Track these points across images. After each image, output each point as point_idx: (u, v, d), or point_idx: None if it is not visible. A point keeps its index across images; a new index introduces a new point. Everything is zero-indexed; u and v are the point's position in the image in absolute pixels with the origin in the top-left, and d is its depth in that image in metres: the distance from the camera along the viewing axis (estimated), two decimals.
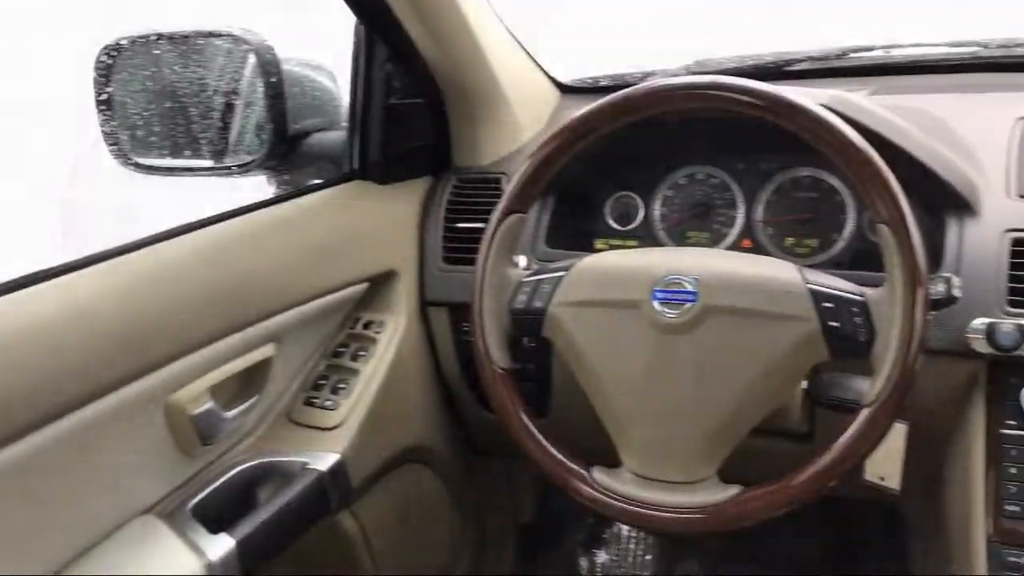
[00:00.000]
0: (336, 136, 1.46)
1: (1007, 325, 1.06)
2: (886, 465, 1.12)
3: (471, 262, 1.13)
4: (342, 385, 1.32)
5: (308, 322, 1.28)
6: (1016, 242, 1.12)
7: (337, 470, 1.24)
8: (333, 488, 1.23)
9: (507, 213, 1.10)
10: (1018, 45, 1.44)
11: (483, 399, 1.27)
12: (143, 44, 1.36)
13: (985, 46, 1.46)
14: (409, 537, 1.51)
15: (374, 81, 1.37)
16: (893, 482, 1.12)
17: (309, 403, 1.31)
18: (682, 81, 1.02)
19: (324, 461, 1.23)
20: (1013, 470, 1.07)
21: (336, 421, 1.29)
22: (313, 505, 1.21)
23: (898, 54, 1.52)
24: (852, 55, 1.53)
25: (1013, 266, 1.10)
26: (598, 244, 1.48)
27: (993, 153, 1.23)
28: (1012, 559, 1.04)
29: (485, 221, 1.12)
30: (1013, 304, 1.09)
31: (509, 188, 1.10)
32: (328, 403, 1.31)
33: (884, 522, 1.71)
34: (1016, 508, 1.06)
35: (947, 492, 1.18)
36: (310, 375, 1.34)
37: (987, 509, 1.07)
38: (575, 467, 1.04)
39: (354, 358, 1.35)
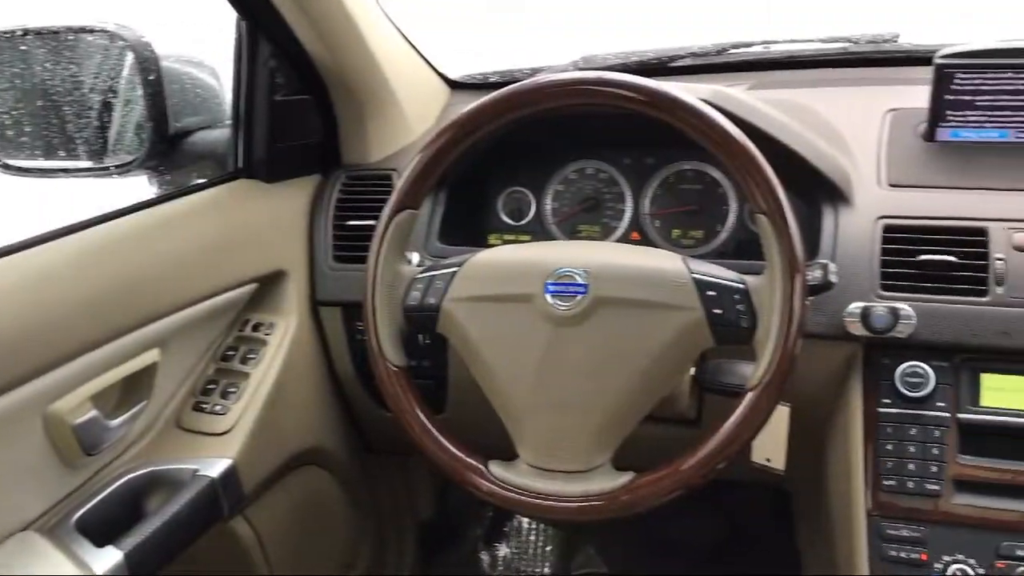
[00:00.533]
0: (220, 134, 1.42)
1: (880, 308, 1.12)
2: (771, 447, 1.16)
3: (362, 260, 1.12)
4: (232, 389, 1.29)
5: (195, 325, 1.25)
6: (887, 228, 1.17)
7: (229, 476, 1.21)
8: (225, 494, 1.20)
9: (398, 209, 1.09)
10: (885, 41, 1.51)
11: (378, 398, 1.26)
12: (8, 39, 1.30)
13: (855, 42, 1.52)
14: (306, 540, 1.49)
15: (258, 77, 1.34)
16: (778, 463, 1.17)
17: (198, 408, 1.28)
18: (568, 77, 1.03)
19: (215, 467, 1.20)
20: (889, 446, 1.12)
21: (227, 426, 1.26)
22: (205, 512, 1.18)
23: (775, 50, 1.57)
24: (732, 51, 1.57)
25: (884, 252, 1.16)
26: (491, 239, 1.48)
27: (865, 144, 1.29)
28: (891, 531, 1.10)
29: (376, 218, 1.11)
30: (885, 288, 1.14)
31: (399, 184, 1.09)
32: (218, 408, 1.27)
33: (773, 503, 1.77)
34: (893, 482, 1.11)
35: (829, 470, 1.23)
36: (199, 380, 1.30)
37: (866, 484, 1.12)
38: (472, 462, 1.04)
39: (244, 361, 1.32)
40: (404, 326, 1.10)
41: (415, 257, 1.18)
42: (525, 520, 2.03)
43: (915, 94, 1.31)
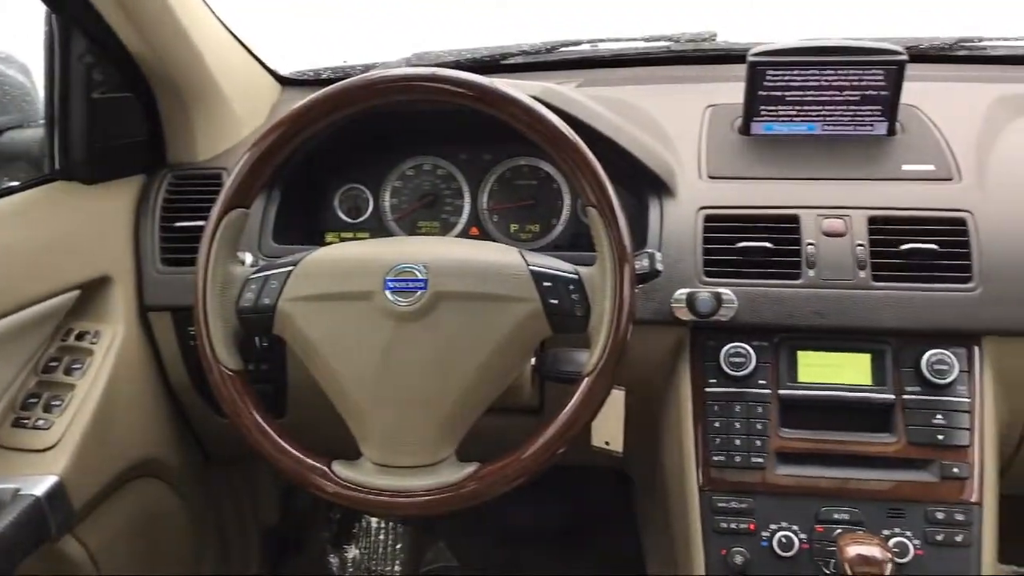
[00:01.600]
0: (33, 134, 1.34)
1: (704, 294, 1.18)
2: (609, 430, 1.20)
3: (192, 263, 1.08)
4: (56, 402, 1.22)
5: (12, 336, 1.17)
6: (708, 218, 1.23)
7: (55, 493, 1.15)
8: (52, 513, 1.14)
9: (228, 209, 1.06)
10: (703, 40, 1.59)
11: (214, 404, 1.22)
12: None
13: (676, 41, 1.60)
14: (144, 555, 1.42)
15: (72, 74, 1.27)
16: (617, 445, 1.21)
17: (19, 424, 1.20)
18: (400, 73, 1.03)
19: (40, 485, 1.13)
20: (717, 424, 1.18)
21: (51, 441, 1.19)
22: (29, 533, 1.11)
23: (603, 48, 1.63)
24: (561, 50, 1.62)
25: (707, 240, 1.22)
26: (329, 237, 1.47)
27: (686, 139, 1.35)
28: (721, 504, 1.16)
29: (205, 219, 1.08)
30: (708, 274, 1.20)
31: (228, 183, 1.06)
32: (40, 422, 1.20)
33: (615, 485, 1.84)
34: (721, 457, 1.17)
35: (664, 449, 1.29)
36: (18, 394, 1.23)
37: (698, 461, 1.18)
38: (315, 463, 1.03)
39: (68, 372, 1.25)
40: (239, 329, 1.07)
41: (248, 258, 1.15)
42: (374, 519, 2.01)
43: (732, 90, 1.38)
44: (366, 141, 1.42)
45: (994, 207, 1.20)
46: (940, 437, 1.14)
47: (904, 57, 1.26)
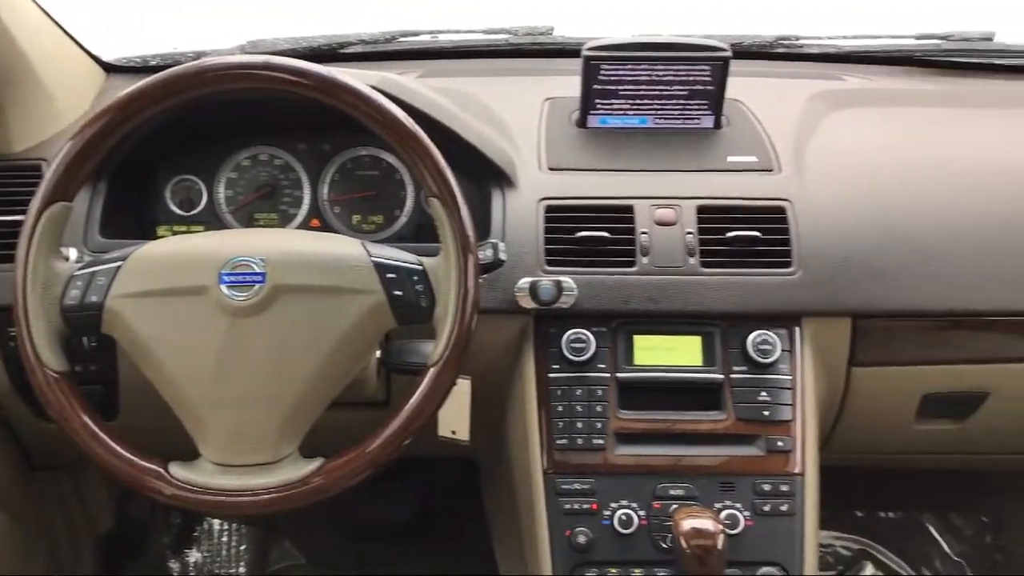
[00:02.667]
0: None
1: (546, 282, 1.20)
2: (456, 419, 1.21)
3: (10, 259, 1.02)
4: None
5: None
6: (548, 209, 1.26)
7: None
8: None
9: (48, 202, 1.00)
10: (540, 34, 1.62)
11: (38, 409, 1.15)
12: None
13: (514, 34, 1.62)
14: None
15: None
16: (463, 434, 1.23)
17: None
18: (232, 61, 1.01)
19: None
20: (560, 408, 1.21)
21: None
22: None
23: (443, 40, 1.63)
24: (402, 39, 1.61)
25: (547, 230, 1.25)
26: (160, 231, 1.41)
27: (526, 131, 1.37)
28: (565, 486, 1.19)
29: (24, 213, 1.02)
30: (550, 263, 1.23)
31: (48, 175, 1.01)
32: None
33: (463, 474, 1.85)
34: (564, 441, 1.21)
35: (510, 436, 1.31)
36: None
37: (542, 446, 1.21)
38: (150, 466, 0.99)
39: None
40: (63, 328, 1.01)
41: (72, 253, 1.09)
42: (216, 521, 1.95)
43: (569, 84, 1.42)
44: (198, 130, 1.37)
45: (811, 196, 1.28)
46: (765, 413, 1.21)
47: (728, 54, 1.33)
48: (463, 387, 1.19)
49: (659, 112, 1.38)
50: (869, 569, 1.95)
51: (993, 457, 1.53)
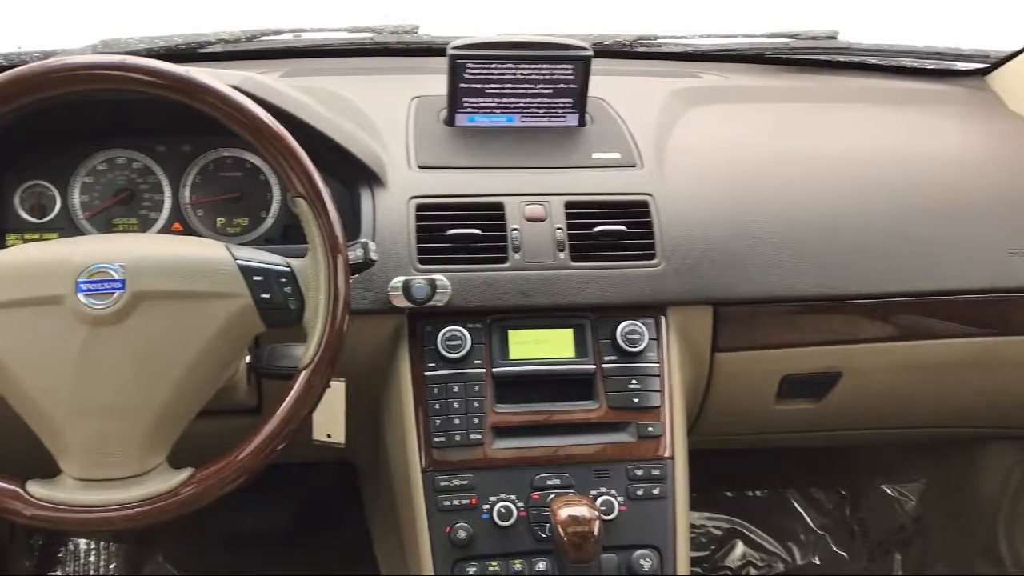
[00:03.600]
0: None
1: (419, 281, 1.20)
2: (331, 423, 1.20)
3: None
4: None
5: None
6: (419, 207, 1.26)
7: None
8: None
9: None
10: (405, 32, 1.61)
11: None
12: None
13: (379, 32, 1.61)
14: None
15: None
16: (339, 437, 1.22)
17: None
18: (83, 61, 0.97)
19: None
20: (437, 406, 1.22)
21: None
22: None
23: (306, 38, 1.61)
24: (263, 38, 1.58)
25: (419, 228, 1.25)
26: (10, 240, 1.34)
27: (394, 130, 1.37)
28: (443, 483, 1.20)
29: None
30: (422, 262, 1.23)
31: None
32: None
33: (341, 478, 1.83)
34: (442, 438, 1.21)
35: (388, 437, 1.31)
36: None
37: (420, 444, 1.21)
38: (5, 485, 0.94)
39: None
40: None
41: None
42: (82, 540, 1.87)
43: (436, 82, 1.42)
44: (49, 134, 1.31)
45: (671, 190, 1.32)
46: (636, 400, 1.25)
47: (589, 53, 1.36)
48: (337, 390, 1.18)
49: (525, 110, 1.40)
50: (739, 547, 2.04)
51: (848, 433, 1.63)
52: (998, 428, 1.67)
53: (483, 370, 1.23)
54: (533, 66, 1.37)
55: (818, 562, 2.03)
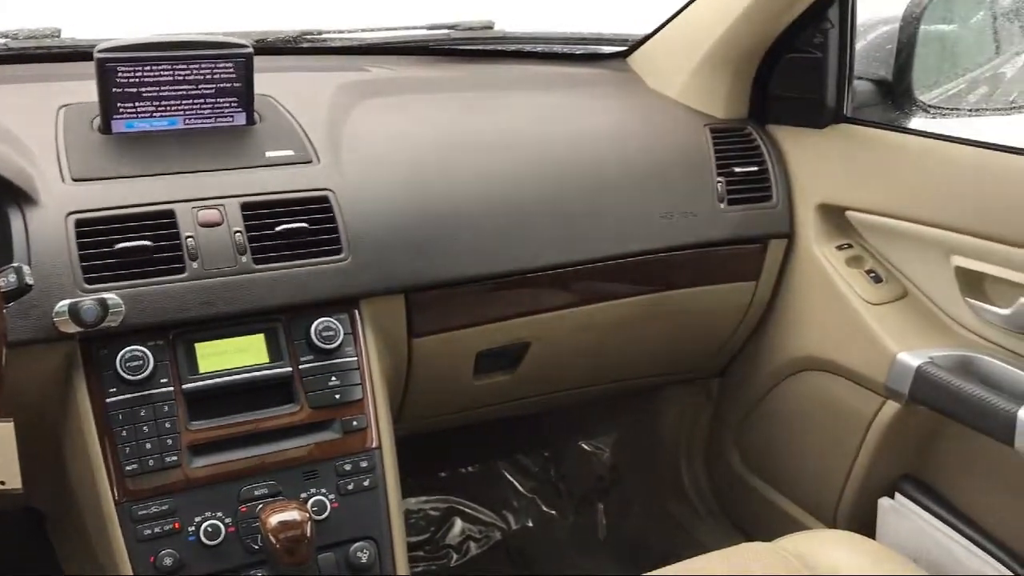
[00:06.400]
0: None
1: (88, 302, 1.12)
2: (3, 469, 1.09)
3: None
4: None
5: None
6: (78, 223, 1.17)
7: None
8: None
9: None
10: (46, 36, 1.49)
11: None
12: None
13: (14, 37, 1.47)
14: None
15: None
16: (14, 483, 1.10)
17: None
18: None
19: None
20: (125, 432, 1.14)
21: None
22: None
23: None
24: None
25: (81, 246, 1.16)
26: None
27: (42, 142, 1.26)
28: (141, 512, 1.13)
29: None
30: (89, 281, 1.15)
31: None
32: None
33: (26, 529, 1.67)
34: (135, 466, 1.14)
35: (72, 474, 1.21)
36: None
37: (110, 475, 1.13)
38: None
39: None
40: None
41: None
42: None
43: (86, 89, 1.32)
44: None
45: (351, 183, 1.33)
46: (337, 397, 1.25)
47: (250, 50, 1.33)
48: (5, 431, 1.07)
49: (188, 112, 1.34)
50: (458, 523, 2.10)
51: (544, 398, 1.73)
52: (671, 374, 1.85)
53: (171, 388, 1.17)
54: (192, 66, 1.31)
55: (531, 524, 2.14)
